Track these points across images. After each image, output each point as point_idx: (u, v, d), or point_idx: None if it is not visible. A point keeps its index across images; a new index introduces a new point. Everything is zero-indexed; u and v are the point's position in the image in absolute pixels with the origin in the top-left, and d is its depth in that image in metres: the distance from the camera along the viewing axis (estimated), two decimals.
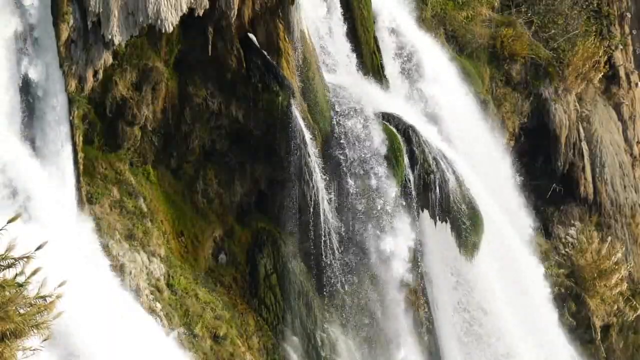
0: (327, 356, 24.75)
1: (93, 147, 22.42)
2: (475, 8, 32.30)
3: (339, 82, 25.63)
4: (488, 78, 32.02)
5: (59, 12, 20.56)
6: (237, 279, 24.62)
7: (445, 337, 27.23)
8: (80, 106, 21.55)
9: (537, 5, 33.73)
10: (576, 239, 33.05)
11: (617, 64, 36.64)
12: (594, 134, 34.29)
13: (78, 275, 18.30)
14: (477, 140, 29.40)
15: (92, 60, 21.10)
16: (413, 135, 25.42)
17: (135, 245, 22.52)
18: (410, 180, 25.21)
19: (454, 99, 29.25)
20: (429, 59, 29.01)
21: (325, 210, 24.11)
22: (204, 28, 22.65)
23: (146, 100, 22.72)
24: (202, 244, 24.31)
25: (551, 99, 32.79)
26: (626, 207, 34.61)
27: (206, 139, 23.85)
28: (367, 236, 25.00)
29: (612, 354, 32.51)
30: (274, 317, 24.59)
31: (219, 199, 24.39)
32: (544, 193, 33.06)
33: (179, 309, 22.81)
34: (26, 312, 15.14)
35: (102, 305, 19.46)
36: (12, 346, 15.01)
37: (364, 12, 26.70)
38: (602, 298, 32.02)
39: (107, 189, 22.59)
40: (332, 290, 24.92)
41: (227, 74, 23.46)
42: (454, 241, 25.94)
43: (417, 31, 29.37)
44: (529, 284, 28.43)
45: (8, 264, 15.25)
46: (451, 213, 25.66)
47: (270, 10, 23.47)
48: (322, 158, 24.26)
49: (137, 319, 20.98)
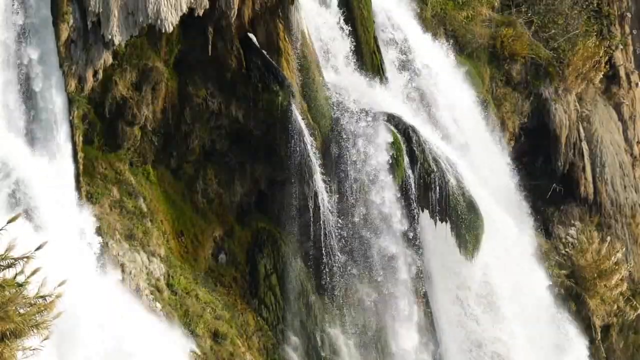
0: (327, 356, 24.73)
1: (93, 147, 22.41)
2: (476, 8, 32.27)
3: (339, 82, 25.60)
4: (488, 78, 31.99)
5: (59, 12, 20.56)
6: (237, 279, 24.61)
7: (445, 336, 27.20)
8: (80, 106, 21.54)
9: (537, 5, 33.69)
10: (576, 239, 33.01)
11: (617, 63, 36.62)
12: (594, 134, 34.26)
13: (77, 275, 18.28)
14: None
15: (92, 60, 21.10)
16: (413, 135, 25.38)
17: (135, 245, 22.51)
18: (410, 180, 25.18)
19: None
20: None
21: (325, 210, 24.09)
22: (204, 28, 22.64)
23: (146, 100, 22.71)
24: (202, 243, 24.30)
25: (551, 99, 32.76)
26: (626, 207, 34.58)
27: (206, 139, 23.84)
28: (367, 236, 25.00)
29: (612, 354, 32.48)
30: (274, 317, 24.57)
31: (219, 198, 24.38)
32: (544, 193, 33.03)
33: (179, 309, 22.79)
34: (26, 312, 15.13)
35: (101, 306, 19.46)
36: (12, 346, 15.01)
37: (364, 12, 26.67)
38: (602, 298, 31.98)
39: (107, 189, 22.58)
40: (332, 290, 24.89)
41: (227, 74, 23.45)
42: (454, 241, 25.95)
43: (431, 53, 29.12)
44: (529, 284, 28.39)
45: (8, 264, 15.24)
46: (451, 213, 25.63)
47: (270, 10, 23.46)
48: (322, 158, 24.25)
49: (137, 319, 20.98)
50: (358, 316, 25.39)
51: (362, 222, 24.92)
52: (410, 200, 25.26)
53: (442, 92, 28.55)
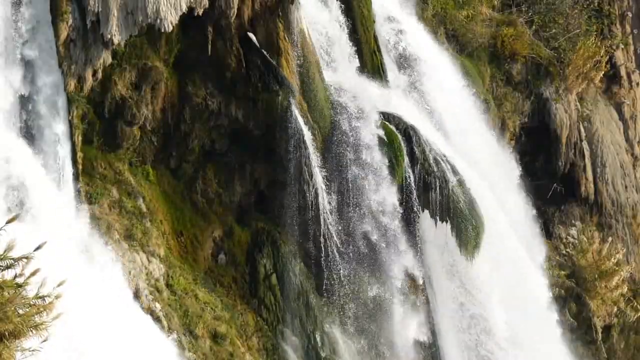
0: (326, 356, 24.71)
1: (92, 147, 22.37)
2: (476, 7, 32.27)
3: (338, 82, 25.57)
4: (488, 77, 31.97)
5: (58, 12, 20.53)
6: (236, 279, 24.58)
7: (445, 336, 27.18)
8: (80, 106, 21.50)
9: (538, 5, 33.68)
10: (577, 239, 33.01)
11: (618, 63, 36.64)
12: (594, 133, 34.25)
13: (77, 275, 18.23)
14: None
15: (92, 59, 21.07)
16: (413, 135, 25.37)
17: (135, 245, 22.47)
18: (410, 180, 25.15)
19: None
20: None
21: (325, 210, 24.06)
22: (203, 27, 22.62)
23: (145, 99, 22.67)
24: (201, 244, 24.26)
25: (552, 98, 32.74)
26: (627, 207, 34.59)
27: (206, 139, 23.81)
28: (366, 235, 24.99)
29: (613, 354, 32.46)
30: (273, 318, 24.54)
31: (219, 198, 24.34)
32: (545, 193, 33.01)
33: (179, 309, 22.76)
34: (25, 313, 15.08)
35: (100, 305, 19.41)
36: (11, 347, 14.96)
37: (364, 12, 26.66)
38: (602, 299, 31.97)
39: (106, 189, 22.54)
40: (332, 290, 24.87)
41: (227, 74, 23.41)
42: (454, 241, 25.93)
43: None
44: (530, 284, 28.38)
45: (7, 264, 15.18)
46: (451, 213, 25.61)
47: (270, 9, 23.43)
48: (322, 157, 24.22)
49: (136, 320, 20.94)
50: (358, 316, 25.36)
51: (362, 222, 24.92)
52: (410, 200, 25.26)
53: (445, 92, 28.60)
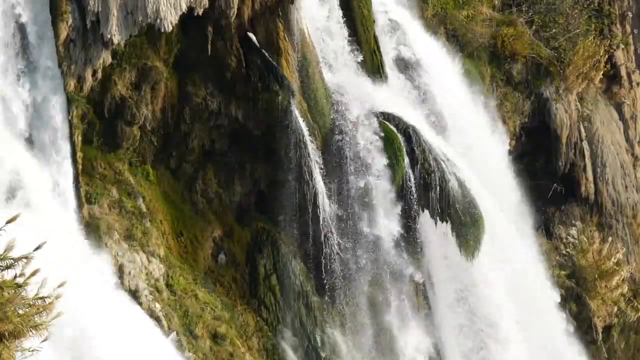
0: (327, 357, 24.69)
1: (92, 147, 22.35)
2: (476, 7, 32.25)
3: (338, 82, 25.56)
4: (489, 77, 31.96)
5: (58, 12, 20.51)
6: (236, 279, 24.56)
7: (445, 335, 27.17)
8: (79, 106, 21.49)
9: (538, 5, 33.67)
10: (577, 239, 33.00)
11: (618, 63, 36.62)
12: (595, 133, 34.24)
13: (76, 275, 18.20)
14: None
15: (91, 59, 21.04)
16: (413, 134, 25.36)
17: (135, 245, 22.46)
18: (410, 180, 25.14)
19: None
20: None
21: (325, 211, 24.05)
22: (203, 27, 22.60)
23: (145, 99, 22.65)
24: (201, 244, 24.25)
25: (552, 98, 32.72)
26: (627, 207, 34.57)
27: (206, 139, 23.80)
28: (366, 235, 24.98)
29: (613, 354, 32.45)
30: (273, 318, 24.53)
31: (219, 199, 24.33)
32: (545, 193, 33.00)
33: (179, 309, 22.74)
34: (25, 313, 15.06)
35: (100, 305, 19.39)
36: (11, 347, 14.95)
37: (364, 11, 26.65)
38: (603, 299, 31.96)
39: (106, 189, 22.52)
40: (332, 291, 24.85)
41: (227, 74, 23.40)
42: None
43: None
44: (531, 285, 28.38)
45: (7, 264, 15.17)
46: (451, 213, 25.59)
47: (270, 9, 23.42)
48: (322, 158, 24.22)
49: (136, 320, 20.92)
50: (358, 316, 25.34)
51: (361, 221, 24.92)
52: (410, 200, 25.25)
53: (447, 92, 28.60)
